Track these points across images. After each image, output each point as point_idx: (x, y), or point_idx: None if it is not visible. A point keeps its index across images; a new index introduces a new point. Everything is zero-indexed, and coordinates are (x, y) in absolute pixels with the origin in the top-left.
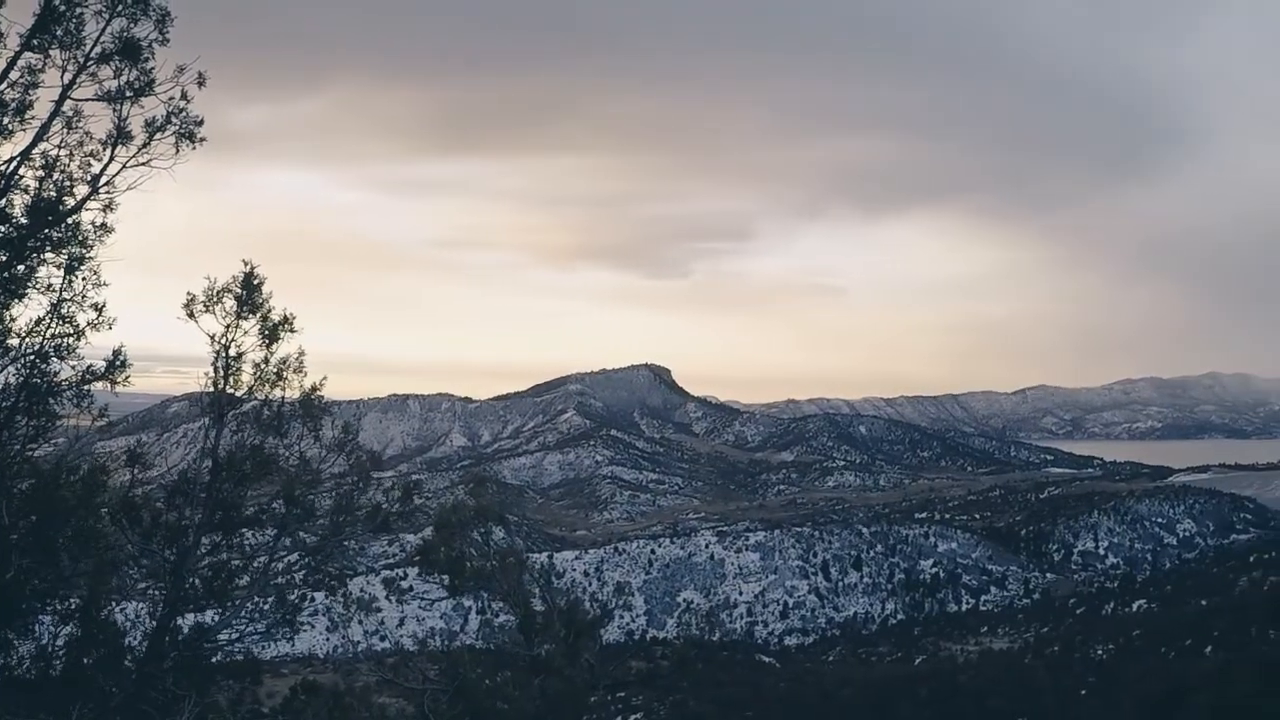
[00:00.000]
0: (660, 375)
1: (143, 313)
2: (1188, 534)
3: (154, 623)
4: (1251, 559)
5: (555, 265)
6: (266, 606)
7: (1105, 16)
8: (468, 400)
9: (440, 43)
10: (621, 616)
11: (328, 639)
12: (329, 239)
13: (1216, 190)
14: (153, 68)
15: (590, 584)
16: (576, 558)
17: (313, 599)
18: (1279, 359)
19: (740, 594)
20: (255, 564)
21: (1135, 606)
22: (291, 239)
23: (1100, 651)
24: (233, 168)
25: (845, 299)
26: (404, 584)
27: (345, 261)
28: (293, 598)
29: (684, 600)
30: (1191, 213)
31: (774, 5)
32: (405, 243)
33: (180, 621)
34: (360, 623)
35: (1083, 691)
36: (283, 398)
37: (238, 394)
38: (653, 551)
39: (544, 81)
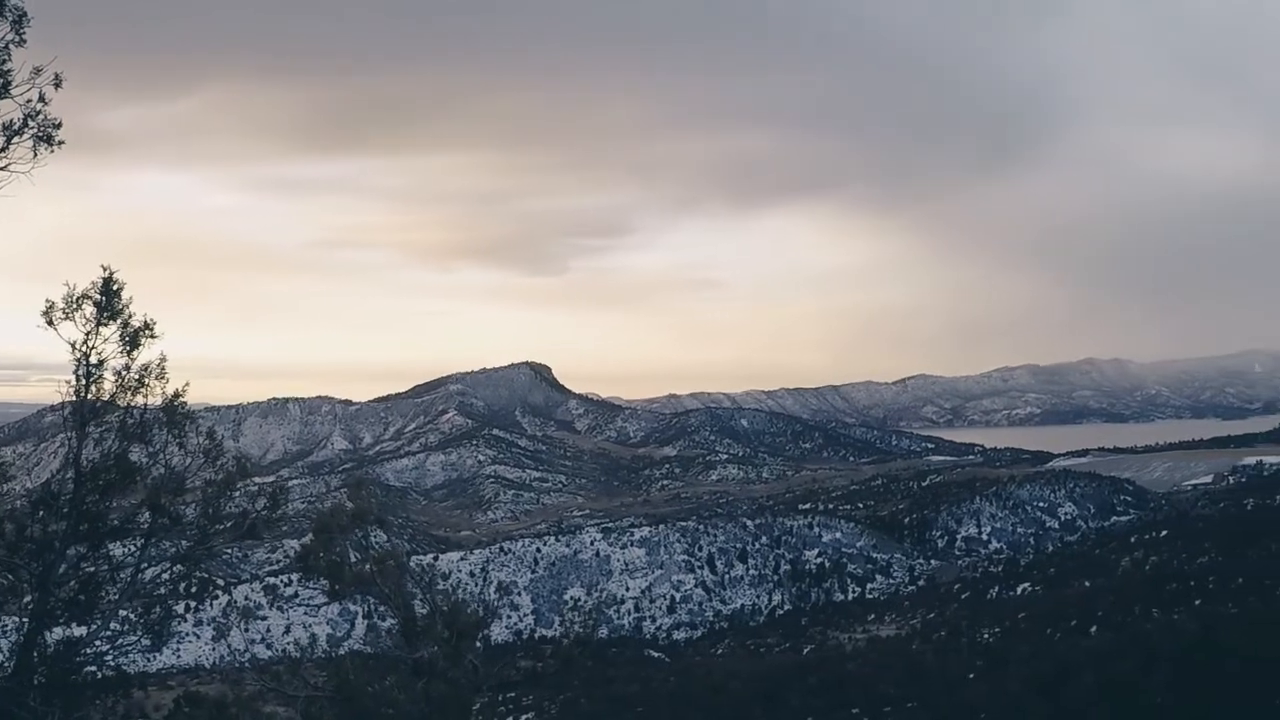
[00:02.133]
0: (541, 373)
1: (15, 320)
2: (1069, 517)
3: (20, 638)
4: (1132, 540)
5: (434, 264)
6: (135, 617)
7: (978, 5)
8: (348, 403)
9: (314, 42)
10: (509, 616)
11: (213, 649)
12: (204, 241)
13: (1089, 178)
14: (10, 70)
15: (476, 585)
16: (462, 559)
17: (195, 608)
18: (1154, 344)
19: (627, 590)
20: (123, 575)
21: (1020, 590)
22: (165, 242)
23: (987, 635)
24: (104, 170)
25: (724, 292)
26: (287, 591)
27: (221, 264)
28: (159, 609)
29: (571, 598)
30: (1066, 200)
31: (651, 0)
32: (282, 244)
33: (48, 636)
34: (245, 631)
35: (970, 675)
36: (145, 405)
37: (100, 402)
38: (538, 550)
39: (421, 79)
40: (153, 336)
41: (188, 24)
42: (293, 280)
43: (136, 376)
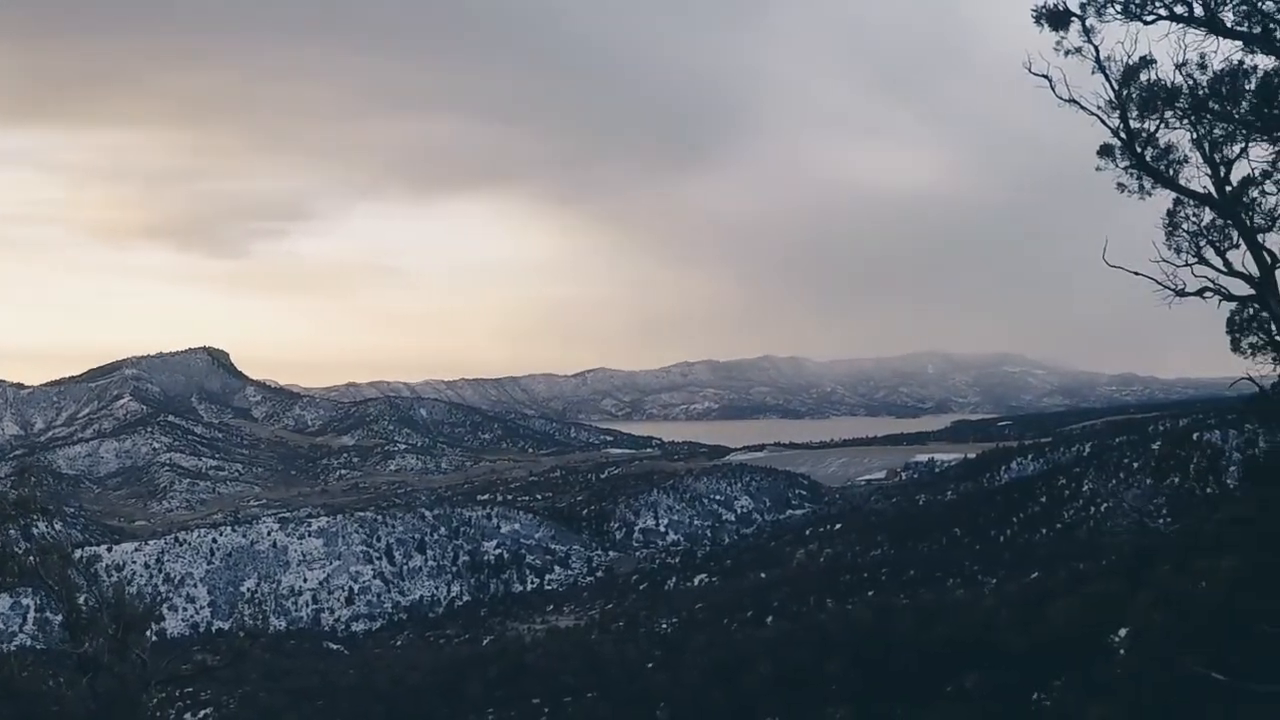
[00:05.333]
0: (219, 359)
1: None
2: (745, 510)
3: None
4: (807, 533)
5: (112, 243)
6: None
7: (670, 7)
8: (20, 386)
9: None
10: (185, 609)
11: None
12: None
13: (773, 181)
14: None
15: (152, 576)
16: (136, 549)
17: None
18: (832, 344)
19: (305, 581)
20: None
21: (697, 581)
22: None
23: (665, 625)
24: None
25: (406, 280)
26: None
27: None
28: None
29: (248, 590)
30: (749, 201)
31: None
32: None
33: None
34: None
35: (649, 665)
36: None
37: None
38: (214, 541)
39: (104, 51)
40: None
41: None
42: None
43: None
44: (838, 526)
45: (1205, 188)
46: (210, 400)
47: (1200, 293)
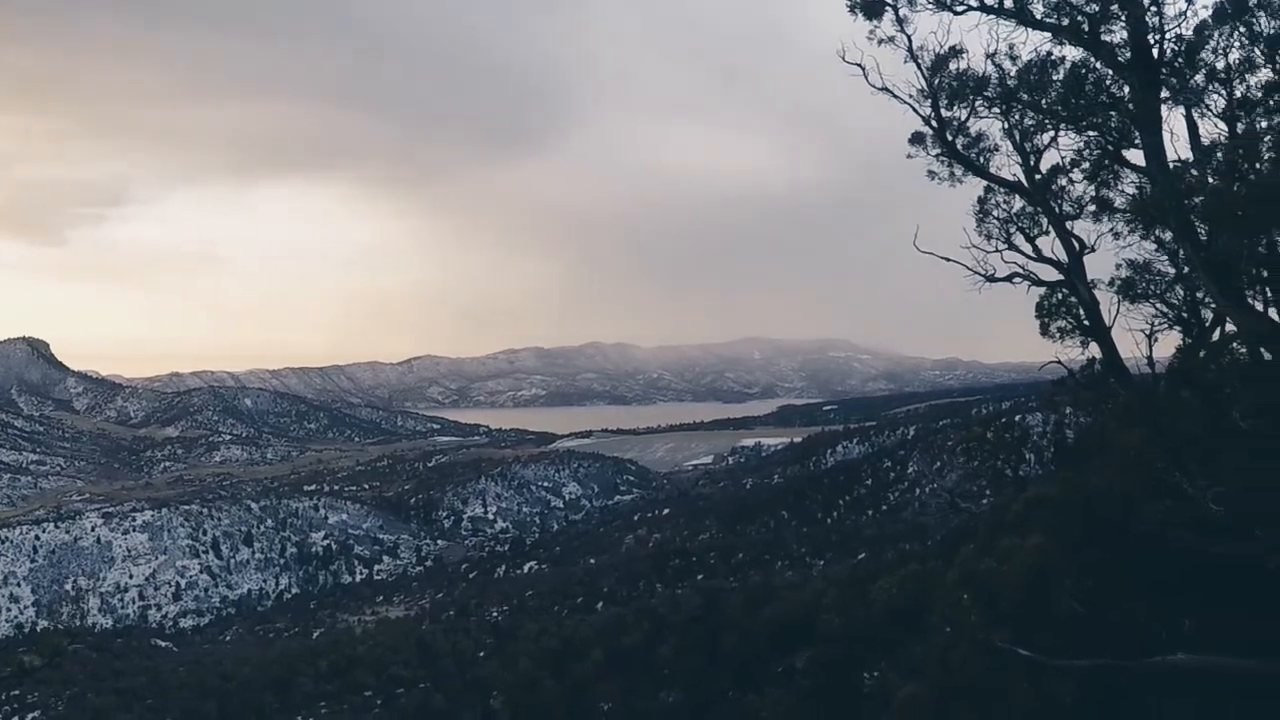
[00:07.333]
0: (39, 349)
1: None
2: (574, 497)
3: None
4: (636, 518)
5: None
6: None
7: None
8: None
9: None
10: (9, 609)
11: None
12: None
13: (601, 168)
14: None
15: None
16: None
17: None
18: (657, 330)
19: (131, 577)
20: None
21: (527, 568)
22: None
23: (496, 614)
24: None
25: (229, 268)
26: None
27: None
28: None
29: (74, 588)
30: (576, 187)
31: None
32: None
33: None
34: None
35: (481, 653)
36: None
37: None
38: (37, 538)
39: None
40: None
41: None
42: None
43: None
44: (666, 511)
45: (1015, 176)
46: (30, 392)
47: (1010, 278)
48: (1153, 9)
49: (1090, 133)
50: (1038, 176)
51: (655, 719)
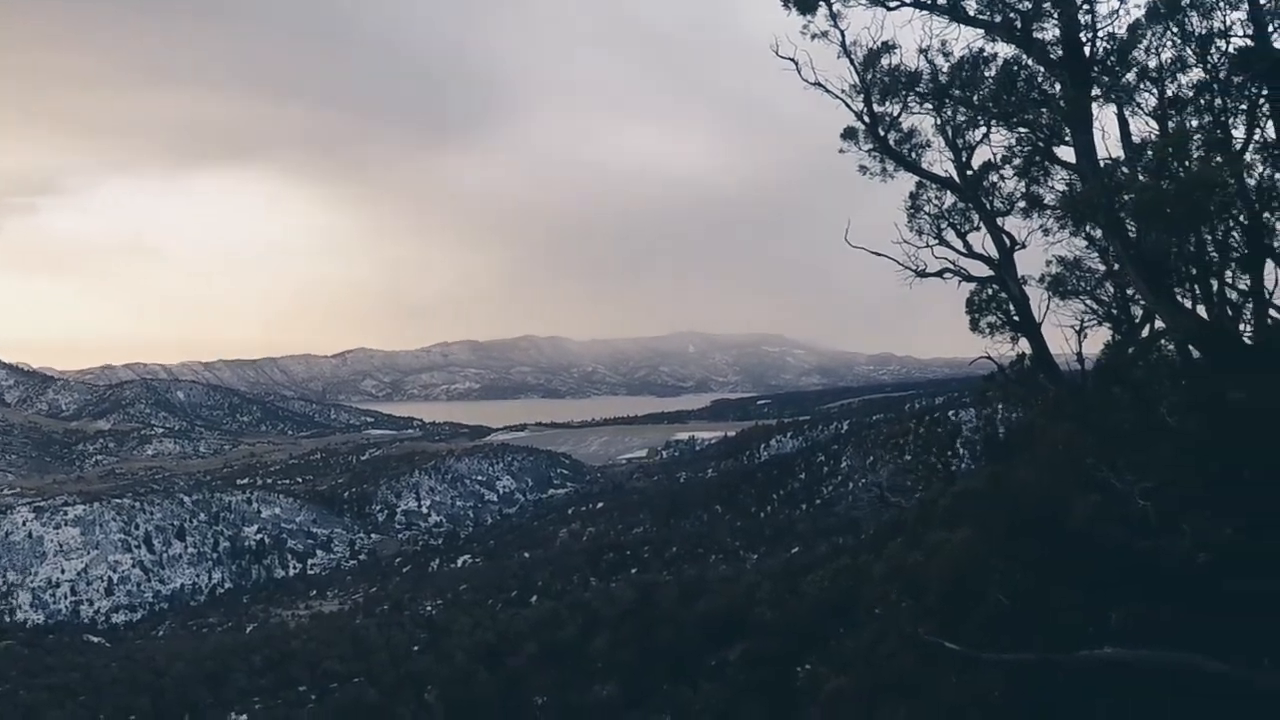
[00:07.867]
0: None
1: None
2: (508, 490)
3: None
4: (570, 512)
5: None
6: None
7: None
8: None
9: None
10: None
11: None
12: None
13: (534, 160)
14: None
15: None
16: None
17: None
18: (591, 323)
19: (63, 572)
20: None
21: (460, 562)
22: None
23: (430, 607)
24: None
25: (161, 259)
26: None
27: None
28: None
29: (4, 582)
30: (511, 181)
31: None
32: None
33: None
34: None
35: (415, 647)
36: None
37: None
38: None
39: None
40: None
41: None
42: None
43: None
44: (600, 505)
45: (947, 171)
46: None
47: (941, 273)
48: (1085, 7)
49: (1022, 129)
50: (969, 172)
51: (589, 713)
